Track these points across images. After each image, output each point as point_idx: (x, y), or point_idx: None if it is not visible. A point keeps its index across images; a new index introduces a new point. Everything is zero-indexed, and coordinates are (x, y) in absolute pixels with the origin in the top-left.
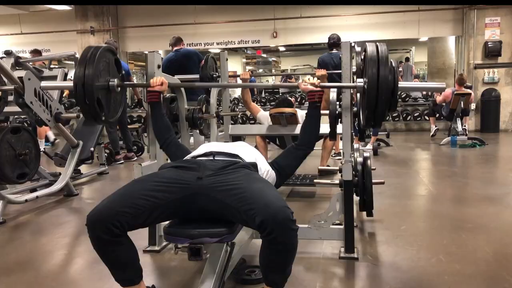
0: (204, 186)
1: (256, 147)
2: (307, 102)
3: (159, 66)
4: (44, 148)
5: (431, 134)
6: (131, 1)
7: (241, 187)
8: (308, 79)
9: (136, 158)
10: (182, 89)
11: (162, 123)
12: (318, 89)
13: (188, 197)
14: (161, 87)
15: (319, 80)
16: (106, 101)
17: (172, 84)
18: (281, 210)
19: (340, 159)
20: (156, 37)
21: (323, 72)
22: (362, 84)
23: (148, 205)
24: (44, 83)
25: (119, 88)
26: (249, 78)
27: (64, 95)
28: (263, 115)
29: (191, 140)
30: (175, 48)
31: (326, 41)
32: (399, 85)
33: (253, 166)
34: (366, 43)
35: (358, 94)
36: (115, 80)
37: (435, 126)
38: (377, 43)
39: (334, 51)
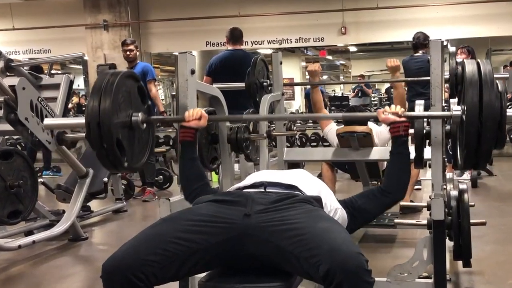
0: (253, 226)
1: (320, 177)
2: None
3: (193, 72)
4: (43, 178)
5: None
6: None
7: (301, 227)
8: (390, 107)
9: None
10: (223, 100)
11: (192, 169)
12: (403, 119)
13: (232, 240)
14: (198, 122)
15: (402, 109)
16: (128, 142)
17: (212, 120)
18: (353, 257)
19: (419, 188)
20: (188, 34)
21: (395, 62)
22: (459, 113)
23: (181, 251)
24: (48, 122)
25: (144, 125)
26: (319, 72)
27: (72, 102)
28: (332, 130)
29: (236, 168)
30: (233, 47)
31: (410, 39)
32: (508, 114)
33: (317, 200)
34: (465, 61)
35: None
36: (139, 114)
37: None
38: (479, 61)
39: (420, 53)
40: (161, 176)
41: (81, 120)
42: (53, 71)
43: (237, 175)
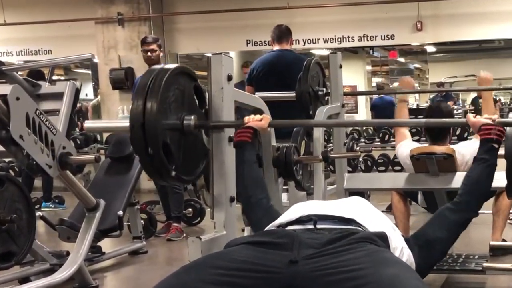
0: (301, 275)
1: (389, 209)
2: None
3: (229, 78)
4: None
5: None
6: None
7: (363, 275)
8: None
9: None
10: (268, 114)
11: (252, 173)
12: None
13: None
14: (258, 123)
15: (496, 115)
16: (178, 148)
17: (273, 125)
18: None
19: None
20: (224, 30)
21: (487, 75)
22: None
23: None
24: (89, 124)
25: (197, 130)
26: (412, 87)
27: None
28: (405, 148)
29: (284, 197)
30: (280, 47)
31: (503, 35)
32: None
33: (381, 238)
34: None
35: None
36: (192, 118)
37: None
38: None
39: None
40: (190, 209)
41: (125, 122)
42: (54, 77)
43: (286, 207)
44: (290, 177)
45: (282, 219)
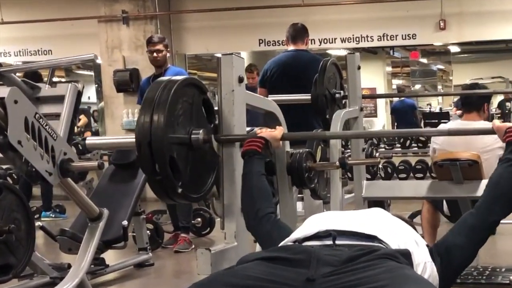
0: None
1: (413, 217)
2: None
3: (241, 80)
4: (41, 221)
5: None
6: None
7: None
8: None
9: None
10: (281, 118)
11: (259, 184)
12: None
13: None
14: (271, 133)
15: None
16: (186, 164)
17: (287, 138)
18: None
19: None
20: (235, 29)
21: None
22: None
23: None
24: (91, 140)
25: (207, 145)
26: None
27: (79, 124)
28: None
29: (298, 206)
30: (295, 47)
31: None
32: None
33: (404, 255)
34: None
35: None
36: (200, 131)
37: None
38: None
39: None
40: (199, 219)
41: (130, 138)
42: (55, 79)
43: (301, 217)
44: (305, 185)
45: (298, 233)
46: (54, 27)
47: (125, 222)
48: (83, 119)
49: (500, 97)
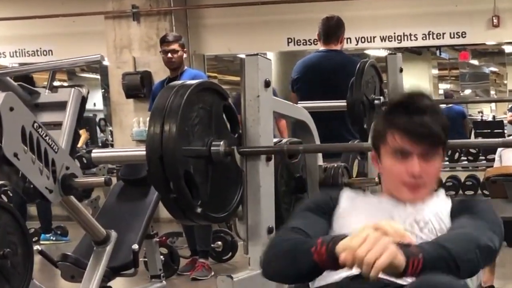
0: None
1: None
2: None
3: (267, 84)
4: (40, 245)
5: None
6: None
7: None
8: None
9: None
10: (313, 127)
11: None
12: None
13: None
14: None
15: None
16: (204, 180)
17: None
18: None
19: None
20: (260, 27)
21: None
22: None
23: None
24: (97, 154)
25: (229, 158)
26: None
27: (78, 145)
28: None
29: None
30: (327, 47)
31: None
32: None
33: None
34: None
35: None
36: (221, 143)
37: None
38: None
39: None
40: (219, 242)
41: (141, 151)
42: (56, 83)
43: None
44: None
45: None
46: (55, 24)
47: (135, 246)
48: (83, 135)
49: None
